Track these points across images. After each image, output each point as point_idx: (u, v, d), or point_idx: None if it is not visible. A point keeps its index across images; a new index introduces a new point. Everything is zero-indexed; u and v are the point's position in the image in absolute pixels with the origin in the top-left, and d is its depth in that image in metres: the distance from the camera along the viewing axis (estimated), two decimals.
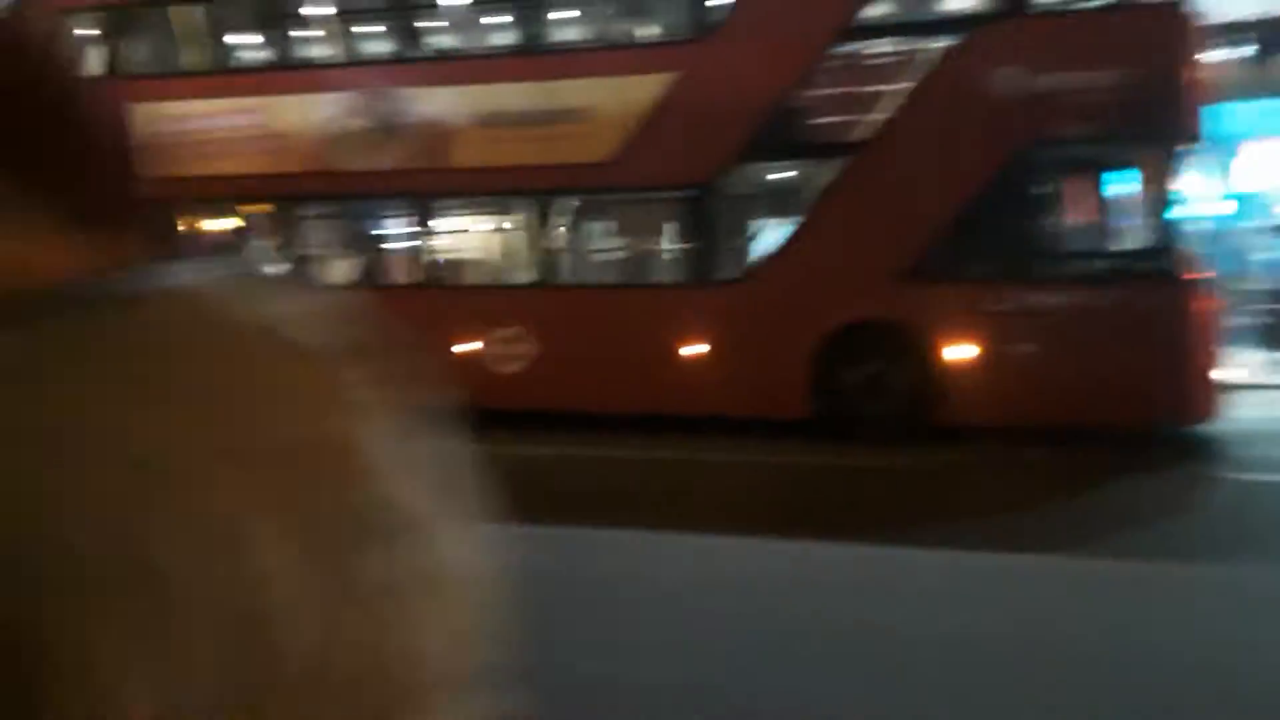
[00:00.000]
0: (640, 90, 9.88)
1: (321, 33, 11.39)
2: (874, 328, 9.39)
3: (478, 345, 10.38)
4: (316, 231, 11.87)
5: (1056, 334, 8.90)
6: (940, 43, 9.43)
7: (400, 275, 11.33)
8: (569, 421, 9.92)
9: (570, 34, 11.28)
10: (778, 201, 10.32)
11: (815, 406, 9.51)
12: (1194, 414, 8.94)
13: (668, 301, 10.38)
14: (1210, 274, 9.33)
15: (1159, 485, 8.10)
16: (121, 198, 0.62)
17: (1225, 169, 13.43)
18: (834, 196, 9.64)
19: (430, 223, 11.19)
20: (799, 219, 9.91)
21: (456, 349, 10.27)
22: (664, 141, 9.74)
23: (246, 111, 10.97)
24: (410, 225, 11.16)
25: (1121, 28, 8.98)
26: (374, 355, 0.59)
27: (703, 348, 9.87)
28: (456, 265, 11.71)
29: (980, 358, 9.14)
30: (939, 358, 9.23)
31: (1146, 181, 8.97)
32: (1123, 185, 9.51)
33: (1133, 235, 9.39)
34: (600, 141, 9.94)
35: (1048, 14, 9.43)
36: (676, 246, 10.64)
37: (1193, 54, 8.86)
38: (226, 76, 11.61)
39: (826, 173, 9.77)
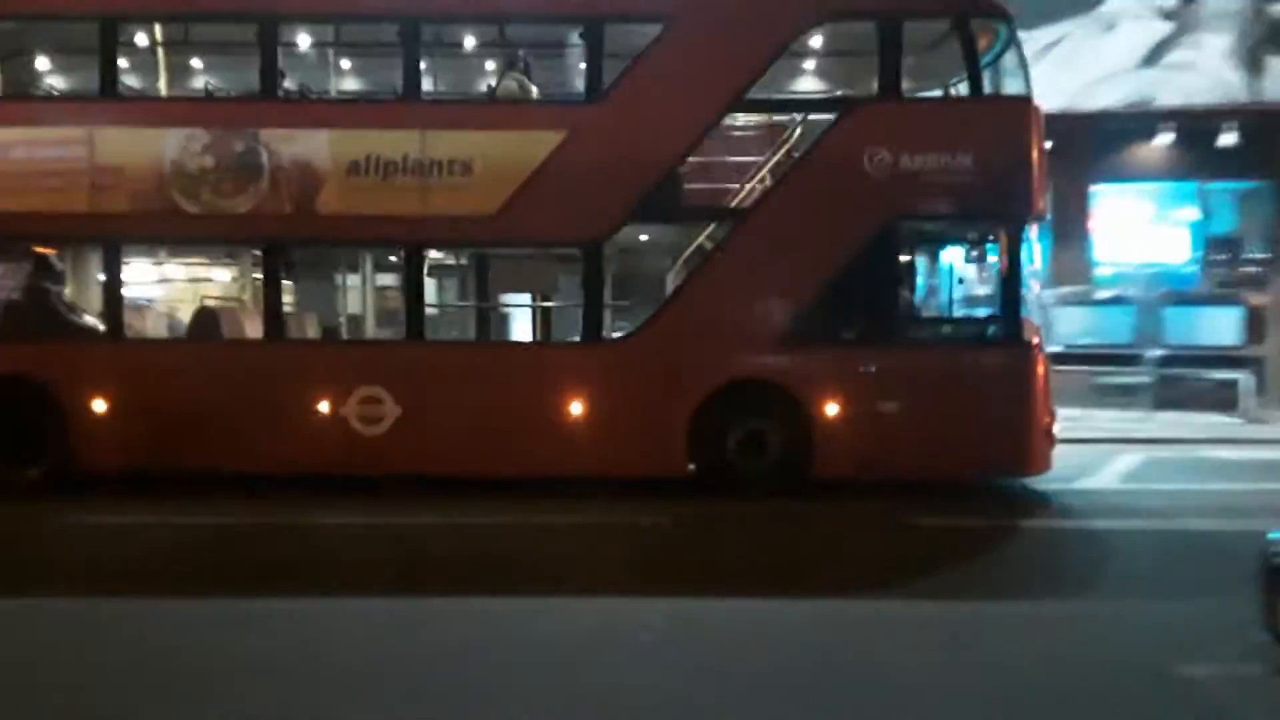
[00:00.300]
0: (530, 147, 9.79)
1: (178, 62, 10.73)
2: (753, 387, 9.77)
3: (339, 407, 9.82)
4: (151, 277, 11.13)
5: (919, 393, 9.59)
6: (819, 121, 10.03)
7: (255, 329, 10.47)
8: (412, 487, 9.72)
9: (460, 86, 11.17)
10: (663, 262, 10.63)
11: (694, 464, 9.78)
12: (1036, 466, 9.83)
13: (549, 360, 10.39)
14: (1041, 338, 10.29)
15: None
16: None
17: None
18: (717, 260, 10.01)
19: (294, 272, 10.73)
20: (683, 280, 10.26)
21: (316, 410, 9.83)
22: (552, 199, 9.72)
23: (75, 143, 10.00)
24: (276, 273, 10.18)
25: (980, 117, 9.85)
26: None
27: (585, 408, 9.76)
28: (322, 319, 11.30)
29: (852, 415, 9.67)
30: (814, 415, 9.69)
31: (999, 254, 9.80)
32: (977, 257, 10.40)
33: (986, 303, 10.25)
34: (485, 195, 9.74)
35: (916, 100, 10.21)
36: (560, 304, 10.72)
37: (1041, 142, 9.78)
38: (54, 104, 10.89)
39: (711, 237, 10.18)
